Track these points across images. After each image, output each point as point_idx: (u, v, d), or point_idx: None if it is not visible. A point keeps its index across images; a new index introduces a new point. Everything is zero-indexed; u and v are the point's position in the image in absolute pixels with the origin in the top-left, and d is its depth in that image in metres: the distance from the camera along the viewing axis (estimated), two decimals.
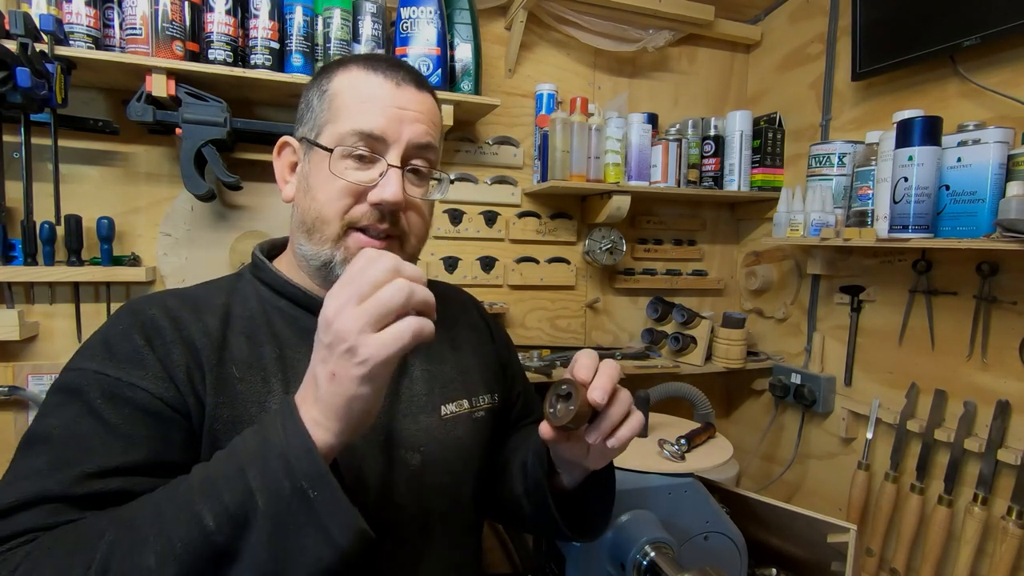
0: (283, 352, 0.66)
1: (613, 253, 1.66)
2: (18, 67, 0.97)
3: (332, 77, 0.68)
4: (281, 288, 0.70)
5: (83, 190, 1.26)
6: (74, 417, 0.54)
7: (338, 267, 0.66)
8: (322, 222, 0.65)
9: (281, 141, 0.71)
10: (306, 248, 0.67)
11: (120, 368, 0.57)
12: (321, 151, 0.65)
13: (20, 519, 0.49)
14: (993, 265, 1.15)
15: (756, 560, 1.08)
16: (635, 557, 0.80)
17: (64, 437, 0.53)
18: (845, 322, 1.49)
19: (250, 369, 0.63)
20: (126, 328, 0.60)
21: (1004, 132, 1.02)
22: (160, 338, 0.60)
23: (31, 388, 1.23)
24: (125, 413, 0.55)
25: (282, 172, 0.72)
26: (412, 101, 0.67)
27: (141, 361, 0.58)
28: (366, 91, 0.65)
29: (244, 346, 0.64)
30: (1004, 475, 1.13)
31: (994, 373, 1.16)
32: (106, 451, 0.53)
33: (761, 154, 1.64)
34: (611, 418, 0.58)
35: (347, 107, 0.65)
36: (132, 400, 0.56)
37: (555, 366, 1.50)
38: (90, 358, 0.58)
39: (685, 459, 1.20)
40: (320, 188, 0.65)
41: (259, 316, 0.67)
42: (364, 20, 1.28)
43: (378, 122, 0.64)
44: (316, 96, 0.68)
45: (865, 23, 1.34)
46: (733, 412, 1.92)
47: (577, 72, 1.67)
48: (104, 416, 0.54)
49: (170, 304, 0.64)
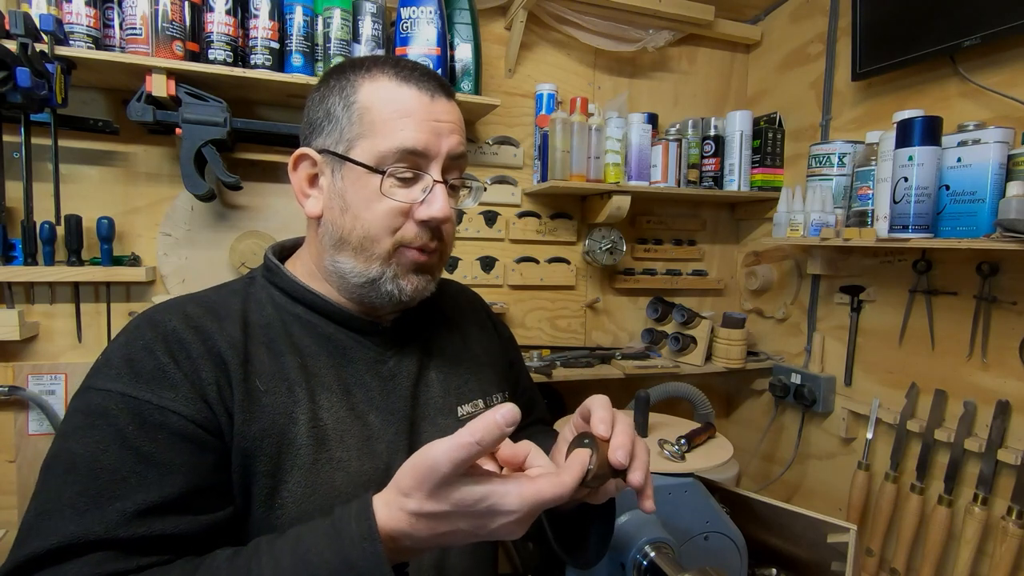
0: (304, 361, 0.65)
1: (613, 253, 1.66)
2: (18, 67, 0.97)
3: (358, 86, 0.65)
4: (299, 295, 0.68)
5: (83, 190, 1.26)
6: (104, 444, 0.52)
7: (387, 283, 0.65)
8: (371, 241, 0.64)
9: (297, 154, 0.67)
10: (347, 265, 0.65)
11: (148, 390, 0.55)
12: (357, 168, 0.63)
13: (70, 569, 0.48)
14: (993, 265, 1.15)
15: (756, 560, 1.08)
16: (635, 557, 0.79)
17: (95, 468, 0.51)
18: (845, 322, 1.49)
19: (274, 380, 0.62)
20: (148, 343, 0.58)
21: (1004, 132, 1.02)
22: (185, 352, 0.58)
23: (31, 388, 1.23)
24: (159, 440, 0.53)
25: (301, 186, 0.68)
26: (446, 112, 0.66)
27: (169, 381, 0.56)
28: (402, 105, 0.63)
29: (266, 358, 0.63)
30: (1004, 475, 1.13)
31: (994, 373, 1.16)
32: (142, 485, 0.51)
33: (761, 154, 1.64)
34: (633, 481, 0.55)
35: (384, 122, 0.63)
36: (165, 425, 0.54)
37: (555, 366, 1.50)
38: (115, 378, 0.55)
39: (685, 459, 1.20)
40: (364, 207, 0.63)
41: (276, 324, 0.66)
42: (364, 20, 1.28)
43: (420, 138, 0.63)
44: (341, 107, 0.65)
45: (865, 23, 1.34)
46: (733, 412, 1.92)
47: (577, 72, 1.67)
48: (136, 444, 0.53)
49: (190, 312, 0.62)
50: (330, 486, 0.61)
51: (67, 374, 1.25)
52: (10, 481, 1.23)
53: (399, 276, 0.65)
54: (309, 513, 0.58)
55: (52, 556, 0.48)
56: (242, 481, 0.58)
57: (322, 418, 0.63)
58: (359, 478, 0.62)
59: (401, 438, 0.67)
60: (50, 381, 1.24)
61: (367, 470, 0.63)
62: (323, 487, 0.60)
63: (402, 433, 0.68)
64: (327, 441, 0.62)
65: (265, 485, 0.58)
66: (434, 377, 0.74)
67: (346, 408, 0.65)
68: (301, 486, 0.60)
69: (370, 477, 0.63)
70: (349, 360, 0.68)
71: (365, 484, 0.62)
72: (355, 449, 0.64)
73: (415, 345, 0.74)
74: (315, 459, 0.61)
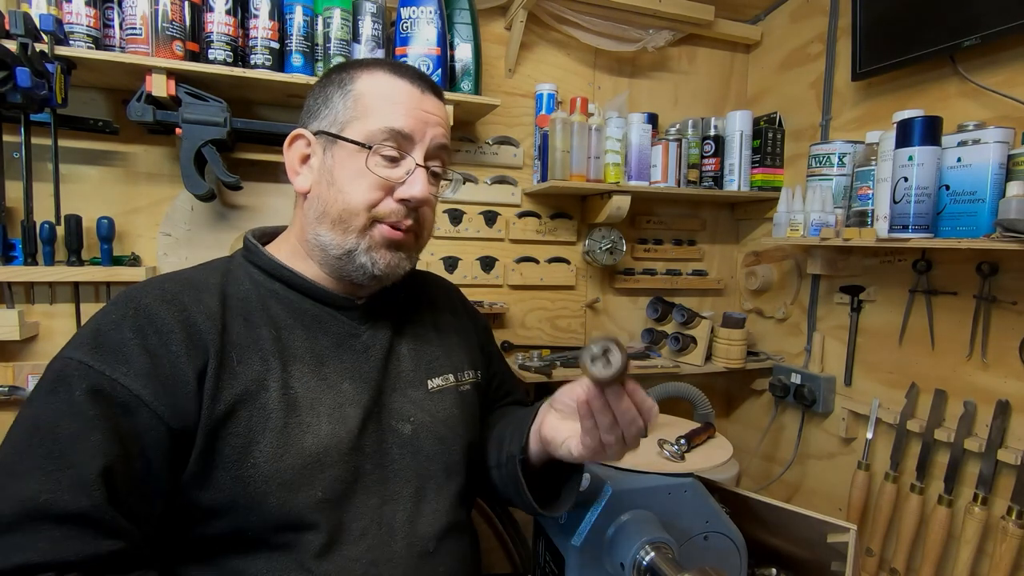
0: (279, 334, 0.69)
1: (613, 253, 1.66)
2: (18, 67, 0.97)
3: (355, 77, 0.71)
4: (275, 271, 0.73)
5: (83, 190, 1.26)
6: (61, 409, 0.56)
7: (360, 255, 0.70)
8: (350, 214, 0.69)
9: (294, 133, 0.73)
10: (327, 238, 0.70)
11: (104, 361, 0.58)
12: (349, 146, 0.69)
13: (38, 538, 0.51)
14: (993, 265, 1.15)
15: (756, 560, 1.08)
16: (635, 557, 0.79)
17: (55, 431, 0.55)
18: (845, 322, 1.49)
19: (248, 350, 0.66)
20: (118, 319, 0.62)
21: (1004, 132, 1.02)
22: (155, 327, 0.61)
23: (31, 388, 1.23)
24: (103, 408, 0.57)
25: (293, 163, 0.74)
26: (434, 107, 0.73)
27: (125, 355, 0.59)
28: (394, 94, 0.70)
29: (242, 328, 0.67)
30: (1004, 475, 1.13)
31: (994, 373, 1.16)
32: (97, 450, 0.55)
33: (761, 154, 1.64)
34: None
35: (376, 107, 0.69)
36: (112, 396, 0.58)
37: (555, 366, 1.50)
38: (79, 347, 0.60)
39: (685, 459, 1.20)
40: (349, 182, 0.69)
41: (253, 298, 0.71)
42: (364, 20, 1.28)
43: (407, 122, 0.69)
44: (338, 93, 0.71)
45: (865, 23, 1.34)
46: (733, 412, 1.92)
47: (577, 72, 1.67)
48: (84, 410, 0.56)
49: (168, 288, 0.66)
50: (299, 447, 0.65)
51: None
52: None
53: (372, 249, 0.70)
54: (281, 471, 0.63)
55: (22, 519, 0.51)
56: (206, 445, 0.61)
57: (293, 386, 0.67)
58: (328, 439, 0.67)
59: (370, 405, 0.72)
60: None
61: (337, 432, 0.68)
62: (293, 448, 0.65)
63: (375, 400, 0.72)
64: (297, 407, 0.67)
65: (236, 445, 0.63)
66: (405, 352, 0.79)
67: (317, 377, 0.69)
68: (272, 446, 0.64)
69: (340, 439, 0.68)
70: (324, 332, 0.73)
71: (336, 446, 0.67)
72: (325, 415, 0.68)
73: (388, 321, 0.79)
74: (285, 423, 0.65)
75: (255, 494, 0.62)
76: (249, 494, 0.62)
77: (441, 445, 0.77)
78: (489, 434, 0.86)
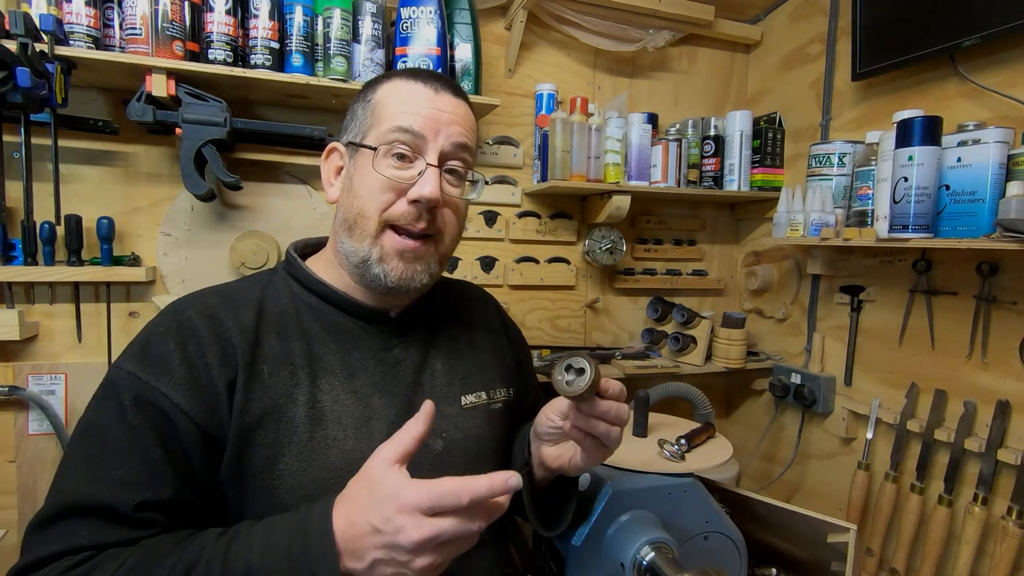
0: (310, 347, 0.70)
1: (613, 253, 1.66)
2: (18, 67, 0.97)
3: (376, 88, 0.73)
4: (311, 284, 0.74)
5: (83, 190, 1.26)
6: (110, 415, 0.60)
7: (373, 265, 0.69)
8: (362, 218, 0.69)
9: (330, 147, 0.77)
10: (347, 245, 0.71)
11: (150, 372, 0.61)
12: (365, 151, 0.70)
13: (80, 527, 0.55)
14: (993, 265, 1.15)
15: (756, 560, 1.08)
16: (635, 557, 0.80)
17: (104, 435, 0.59)
18: (845, 322, 1.49)
19: (278, 363, 0.67)
20: (164, 331, 0.65)
21: (1004, 132, 1.02)
22: (195, 340, 0.64)
23: (31, 388, 1.23)
24: (148, 416, 0.60)
25: (327, 176, 0.76)
26: (449, 105, 0.72)
27: (168, 367, 0.62)
28: (406, 95, 0.71)
29: (275, 342, 0.68)
30: (1004, 475, 1.13)
31: (994, 373, 1.16)
32: (137, 457, 0.59)
33: (761, 154, 1.64)
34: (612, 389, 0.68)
35: (389, 110, 0.70)
36: (155, 404, 0.60)
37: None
38: (130, 358, 0.63)
39: (685, 459, 1.20)
40: (361, 185, 0.70)
41: (289, 312, 0.72)
42: (364, 20, 1.28)
43: (417, 120, 0.69)
44: (360, 106, 0.74)
45: (865, 23, 1.34)
46: (733, 412, 1.92)
47: (577, 72, 1.67)
48: (130, 419, 0.59)
49: (209, 302, 0.68)
50: (324, 461, 0.66)
51: (67, 374, 1.25)
52: (10, 481, 1.23)
53: (384, 259, 0.69)
54: (304, 485, 0.65)
55: (66, 512, 0.55)
56: (237, 453, 0.64)
57: (320, 400, 0.68)
58: (353, 454, 0.67)
59: (401, 421, 0.71)
60: (50, 381, 1.24)
61: (363, 447, 0.67)
62: (317, 462, 0.65)
63: (402, 416, 0.71)
64: (324, 421, 0.67)
65: (264, 456, 0.64)
66: (439, 367, 0.79)
67: (347, 391, 0.70)
68: (296, 459, 0.65)
69: (364, 455, 0.67)
70: (356, 346, 0.73)
71: (359, 461, 0.67)
72: (352, 429, 0.68)
73: (420, 335, 0.78)
74: (311, 436, 0.66)
75: (279, 506, 0.63)
76: (274, 505, 0.63)
77: (470, 462, 0.76)
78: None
